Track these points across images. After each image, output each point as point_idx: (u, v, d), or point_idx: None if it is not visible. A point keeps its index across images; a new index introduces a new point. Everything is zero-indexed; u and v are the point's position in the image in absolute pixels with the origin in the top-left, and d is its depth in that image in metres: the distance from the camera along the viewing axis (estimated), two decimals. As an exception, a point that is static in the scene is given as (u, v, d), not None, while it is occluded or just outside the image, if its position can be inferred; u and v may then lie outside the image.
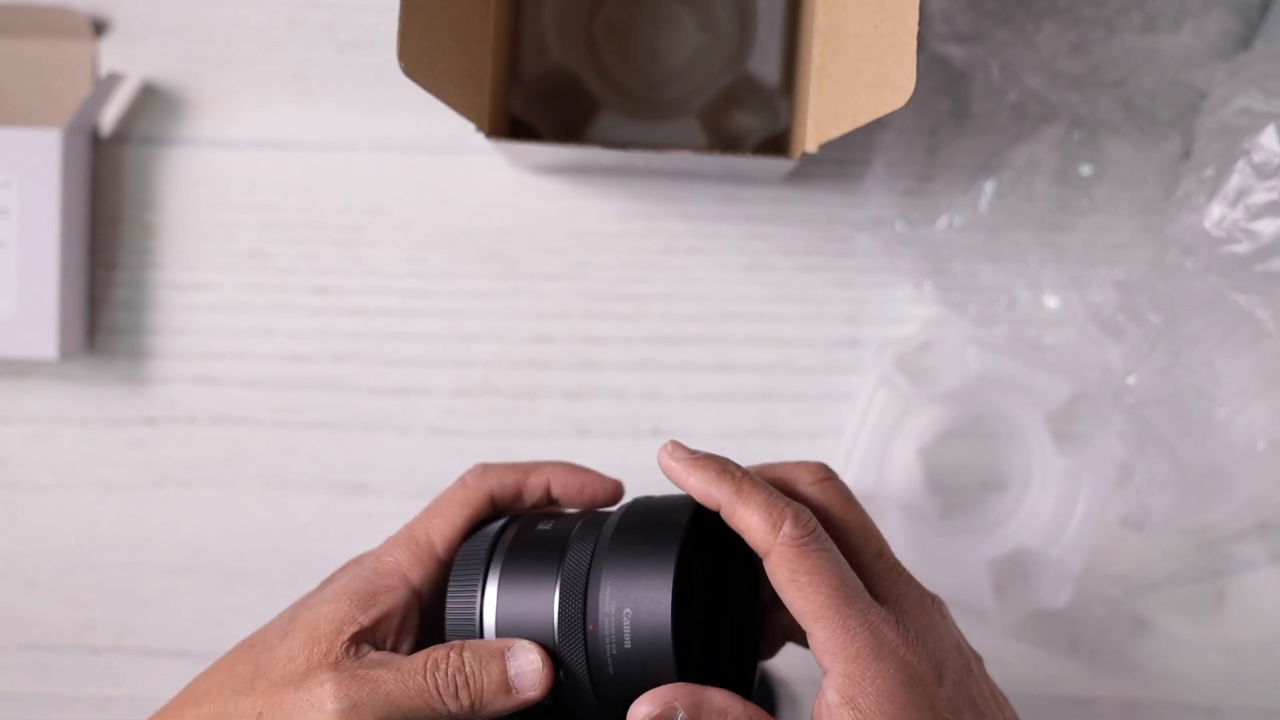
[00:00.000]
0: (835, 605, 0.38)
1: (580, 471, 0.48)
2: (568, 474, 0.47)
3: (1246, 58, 0.57)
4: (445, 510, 0.46)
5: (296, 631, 0.43)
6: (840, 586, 0.38)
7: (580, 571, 0.41)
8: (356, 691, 0.41)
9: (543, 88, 0.63)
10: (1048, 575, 0.63)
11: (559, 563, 0.42)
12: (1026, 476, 0.65)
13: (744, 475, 0.40)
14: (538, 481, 0.47)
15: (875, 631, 0.38)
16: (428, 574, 0.45)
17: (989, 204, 0.63)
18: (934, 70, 0.63)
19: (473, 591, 0.43)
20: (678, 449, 0.41)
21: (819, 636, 0.38)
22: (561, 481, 0.47)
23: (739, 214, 0.65)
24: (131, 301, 0.65)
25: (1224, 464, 0.57)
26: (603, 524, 0.43)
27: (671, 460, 0.41)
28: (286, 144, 0.65)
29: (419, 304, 0.65)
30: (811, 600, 0.38)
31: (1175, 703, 0.65)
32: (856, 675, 0.38)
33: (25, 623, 0.65)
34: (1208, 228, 0.54)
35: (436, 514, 0.46)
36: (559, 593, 0.42)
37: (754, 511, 0.39)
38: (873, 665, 0.38)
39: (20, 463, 0.65)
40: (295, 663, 0.42)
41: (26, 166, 0.61)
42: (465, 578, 0.44)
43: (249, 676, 0.43)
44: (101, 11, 0.64)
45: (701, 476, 0.40)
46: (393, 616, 0.44)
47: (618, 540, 0.41)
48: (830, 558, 0.38)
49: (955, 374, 0.63)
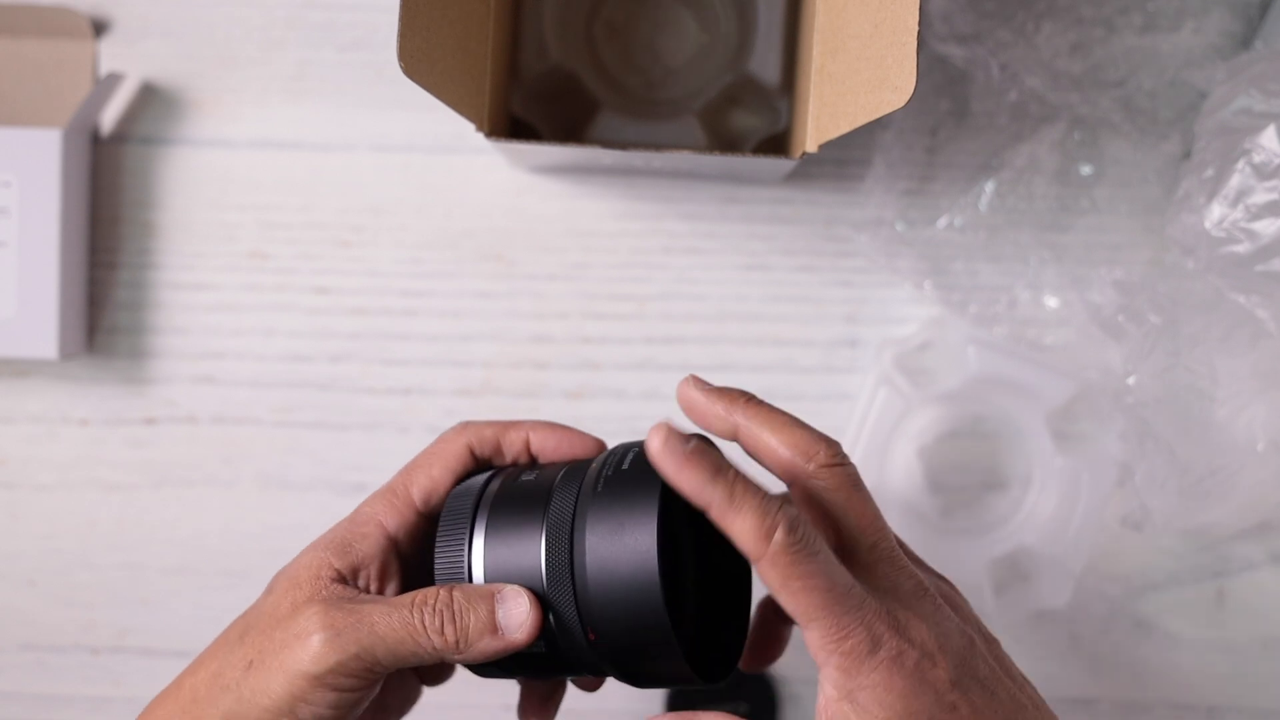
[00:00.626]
0: (828, 606, 0.38)
1: (560, 429, 0.48)
2: (547, 430, 0.48)
3: (1246, 58, 0.57)
4: (423, 463, 0.47)
5: (277, 584, 0.44)
6: (831, 588, 0.38)
7: (565, 518, 0.42)
8: (341, 620, 0.41)
9: (543, 88, 0.63)
10: (1048, 575, 0.63)
11: (544, 511, 0.42)
12: (1026, 476, 0.65)
13: (737, 477, 0.39)
14: (517, 436, 0.47)
15: (869, 626, 0.38)
16: (404, 523, 0.46)
17: (989, 204, 0.63)
18: (934, 70, 0.63)
19: (460, 542, 0.43)
20: (673, 436, 0.39)
21: (813, 637, 0.39)
22: (540, 437, 0.48)
23: (738, 214, 0.65)
24: (131, 301, 0.65)
25: (1224, 464, 0.57)
26: (585, 471, 0.43)
27: (664, 450, 0.39)
28: (286, 144, 0.65)
29: (419, 304, 0.65)
30: (804, 604, 0.38)
31: (1175, 703, 0.65)
32: (852, 670, 0.38)
33: (25, 623, 0.65)
34: (1208, 228, 0.54)
35: (415, 468, 0.47)
36: (545, 540, 0.42)
37: (745, 519, 0.38)
38: (868, 659, 0.38)
39: (20, 463, 0.65)
40: (280, 608, 0.43)
41: (26, 166, 0.61)
42: (452, 529, 0.44)
43: (239, 634, 0.44)
44: (101, 11, 0.64)
45: (694, 476, 0.38)
46: (369, 561, 0.44)
47: (601, 486, 0.42)
48: (820, 561, 0.38)
49: (955, 374, 0.63)
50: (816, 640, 0.38)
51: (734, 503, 0.38)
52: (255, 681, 0.42)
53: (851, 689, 0.38)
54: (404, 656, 0.42)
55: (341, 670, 0.41)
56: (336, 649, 0.41)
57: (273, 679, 0.41)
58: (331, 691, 0.41)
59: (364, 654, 0.41)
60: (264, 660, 0.42)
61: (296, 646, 0.41)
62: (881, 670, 0.38)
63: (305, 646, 0.41)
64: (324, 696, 0.41)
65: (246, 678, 0.42)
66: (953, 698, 0.39)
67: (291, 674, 0.41)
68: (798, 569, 0.38)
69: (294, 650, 0.41)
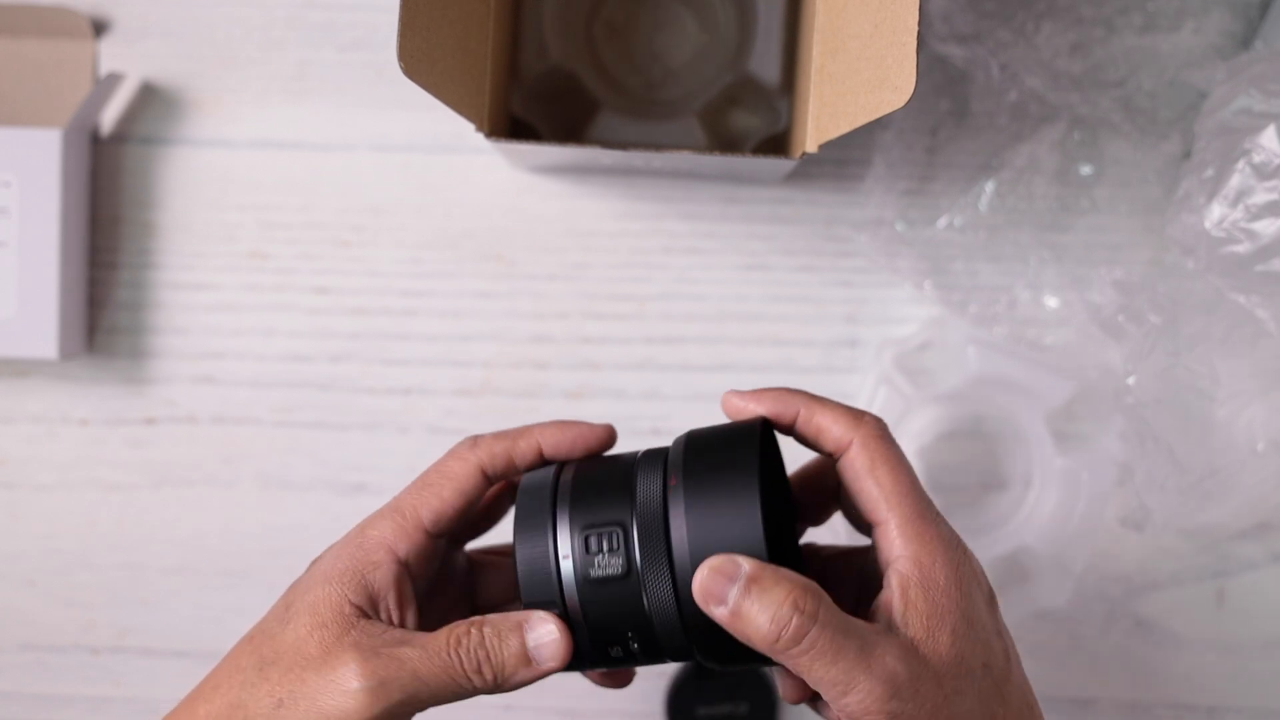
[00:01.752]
0: (913, 498, 0.40)
1: (569, 426, 0.47)
2: (557, 431, 0.47)
3: (1246, 58, 0.57)
4: (434, 483, 0.46)
5: (298, 616, 0.43)
6: (915, 484, 0.41)
7: (656, 506, 0.41)
8: (383, 670, 0.41)
9: (543, 88, 0.63)
10: (1048, 575, 0.63)
11: (631, 500, 0.42)
12: (1026, 476, 0.65)
13: (808, 395, 0.43)
14: (528, 445, 0.47)
15: (944, 530, 0.41)
16: (414, 546, 0.45)
17: (989, 204, 0.63)
18: (934, 70, 0.63)
19: (544, 539, 0.43)
20: (739, 394, 0.44)
21: (894, 522, 0.40)
22: (552, 440, 0.47)
23: (738, 214, 0.65)
24: (131, 301, 0.65)
25: (1224, 464, 0.57)
26: (665, 458, 0.43)
27: (737, 397, 0.44)
28: (286, 144, 0.65)
29: (419, 304, 0.65)
30: (889, 488, 0.40)
31: (1175, 703, 0.65)
32: (927, 562, 0.40)
33: (25, 623, 0.65)
34: (1208, 228, 0.54)
35: (424, 487, 0.46)
36: (637, 529, 0.42)
37: (834, 410, 0.42)
38: (944, 554, 0.40)
39: (20, 463, 0.65)
40: (308, 646, 0.42)
41: (26, 166, 0.61)
42: (532, 526, 0.43)
43: (257, 666, 0.43)
44: (101, 11, 0.64)
45: (772, 396, 0.43)
46: (386, 591, 0.44)
47: (690, 472, 0.42)
48: (905, 457, 0.41)
49: (955, 374, 0.63)
50: (898, 526, 0.41)
51: (819, 403, 0.43)
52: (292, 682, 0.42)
53: (924, 580, 0.40)
54: (445, 698, 0.42)
55: (386, 718, 0.41)
56: (382, 699, 0.41)
57: (311, 695, 0.41)
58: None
59: (409, 700, 0.41)
60: (296, 703, 0.41)
61: (337, 695, 0.41)
62: (951, 572, 0.40)
63: (348, 697, 0.41)
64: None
65: (276, 717, 0.42)
66: (990, 637, 0.41)
67: (329, 694, 0.41)
68: (888, 452, 0.41)
69: (333, 698, 0.41)
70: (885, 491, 0.41)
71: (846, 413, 0.43)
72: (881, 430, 0.42)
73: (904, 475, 0.41)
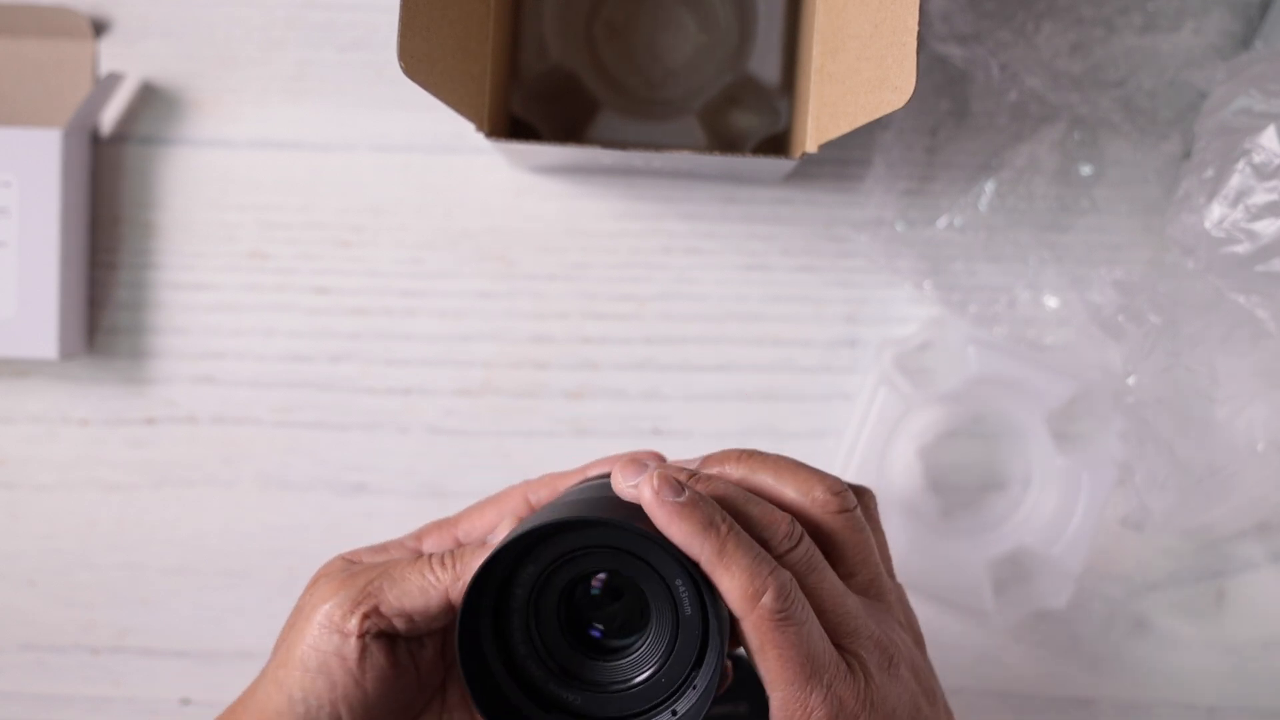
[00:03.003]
0: (799, 681, 0.38)
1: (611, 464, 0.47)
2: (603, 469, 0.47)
3: (1246, 58, 0.57)
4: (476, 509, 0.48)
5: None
6: (806, 663, 0.38)
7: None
8: (348, 567, 0.44)
9: (543, 88, 0.63)
10: (1048, 575, 0.63)
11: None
12: (1026, 476, 0.65)
13: (729, 531, 0.38)
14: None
15: (831, 705, 0.39)
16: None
17: (989, 204, 0.63)
18: (934, 70, 0.63)
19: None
20: (664, 485, 0.39)
21: (777, 706, 0.39)
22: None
23: (738, 214, 0.65)
24: (131, 301, 0.65)
25: (1224, 464, 0.57)
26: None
27: (656, 501, 0.39)
28: (286, 144, 0.65)
29: (419, 304, 0.65)
30: (775, 673, 0.38)
31: (1175, 703, 0.65)
32: None
33: (25, 623, 0.65)
34: (1208, 228, 0.54)
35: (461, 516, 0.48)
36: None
37: (734, 577, 0.38)
38: None
39: (20, 463, 0.65)
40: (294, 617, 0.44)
41: (26, 166, 0.61)
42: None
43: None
44: (101, 11, 0.64)
45: (684, 528, 0.38)
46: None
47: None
48: (803, 633, 0.38)
49: (955, 374, 0.63)
50: (778, 709, 0.39)
51: (724, 559, 0.38)
52: (286, 640, 0.43)
53: None
54: (411, 592, 0.42)
55: (353, 604, 0.42)
56: (346, 585, 0.43)
57: (300, 636, 0.43)
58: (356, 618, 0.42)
59: (373, 590, 0.42)
60: (288, 628, 0.44)
61: (311, 597, 0.43)
62: None
63: (318, 594, 0.43)
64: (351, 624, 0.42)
65: (275, 652, 0.44)
66: None
67: (315, 613, 0.42)
68: (778, 636, 0.38)
69: (310, 600, 0.43)
70: (769, 677, 0.39)
71: (747, 583, 0.38)
72: (776, 612, 0.38)
73: (793, 659, 0.38)
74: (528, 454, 0.65)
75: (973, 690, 0.65)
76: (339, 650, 0.42)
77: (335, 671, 0.42)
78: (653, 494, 0.38)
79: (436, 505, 0.65)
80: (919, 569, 0.62)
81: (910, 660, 0.42)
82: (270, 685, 0.43)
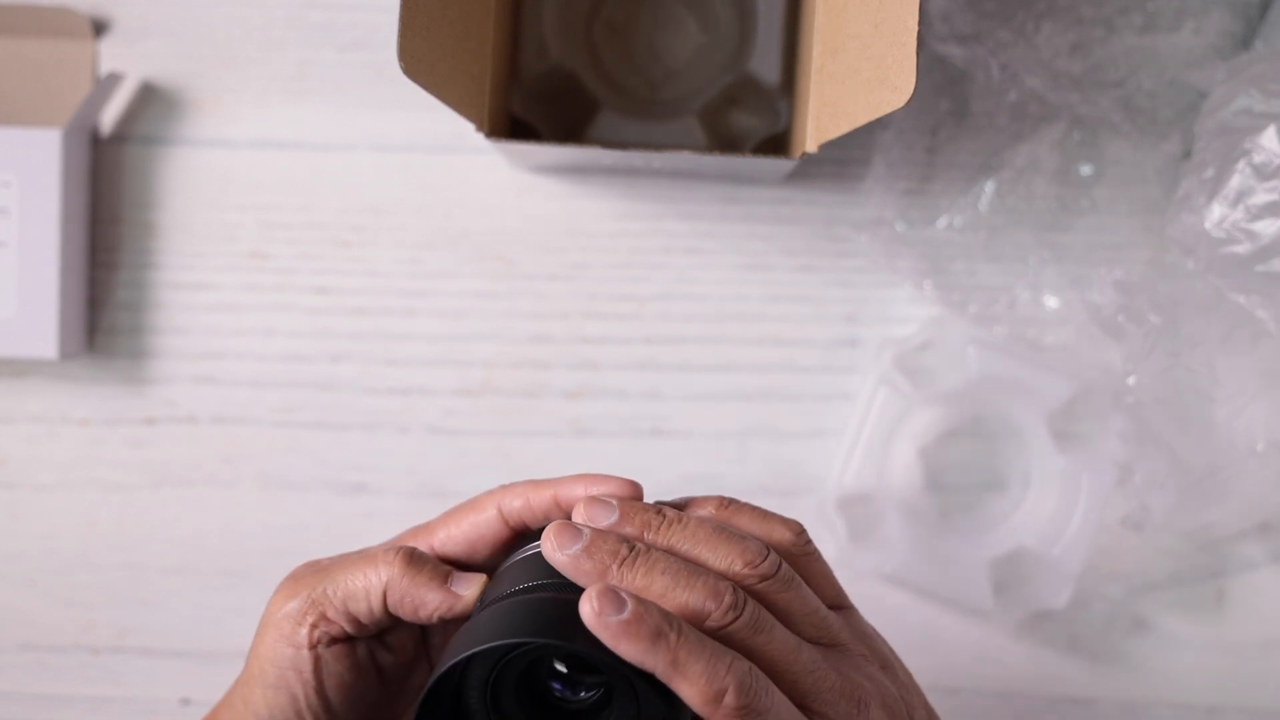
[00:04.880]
0: None
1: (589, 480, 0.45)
2: (573, 485, 0.45)
3: (1246, 58, 0.57)
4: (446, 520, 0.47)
5: None
6: None
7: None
8: (300, 572, 0.44)
9: (543, 88, 0.63)
10: (1048, 575, 0.63)
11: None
12: (1026, 476, 0.65)
13: (680, 638, 0.36)
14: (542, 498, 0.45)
15: None
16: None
17: (989, 204, 0.63)
18: (934, 70, 0.63)
19: None
20: (605, 603, 0.36)
21: None
22: (566, 494, 0.45)
23: (738, 214, 0.65)
24: (131, 301, 0.65)
25: (1224, 464, 0.57)
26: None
27: (599, 622, 0.36)
28: (286, 144, 0.65)
29: (419, 304, 0.65)
30: None
31: (1175, 703, 0.65)
32: None
33: (25, 623, 0.65)
34: (1208, 228, 0.54)
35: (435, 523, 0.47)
36: None
37: (692, 684, 0.36)
38: None
39: (20, 463, 0.65)
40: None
41: (26, 166, 0.61)
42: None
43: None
44: (101, 11, 0.64)
45: (633, 647, 0.36)
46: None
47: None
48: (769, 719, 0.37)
49: (955, 374, 0.63)
50: None
51: (679, 669, 0.36)
52: (250, 652, 0.43)
53: None
54: (355, 593, 0.42)
55: (301, 614, 0.42)
56: (295, 594, 0.43)
57: (260, 641, 0.43)
58: (305, 628, 0.42)
59: (318, 597, 0.43)
60: (252, 647, 0.44)
61: (268, 608, 0.44)
62: None
63: (272, 604, 0.43)
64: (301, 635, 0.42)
65: (245, 666, 0.44)
66: None
67: (269, 626, 0.43)
68: None
69: (267, 611, 0.44)
70: None
71: (706, 686, 0.36)
72: (739, 709, 0.36)
73: None
74: (528, 454, 0.65)
75: (973, 690, 0.65)
76: (294, 663, 0.42)
77: (294, 685, 0.42)
78: (594, 615, 0.36)
79: (436, 505, 0.64)
80: (919, 569, 0.62)
81: (880, 695, 0.41)
82: (238, 702, 0.43)
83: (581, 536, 0.39)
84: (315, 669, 0.42)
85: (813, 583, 0.42)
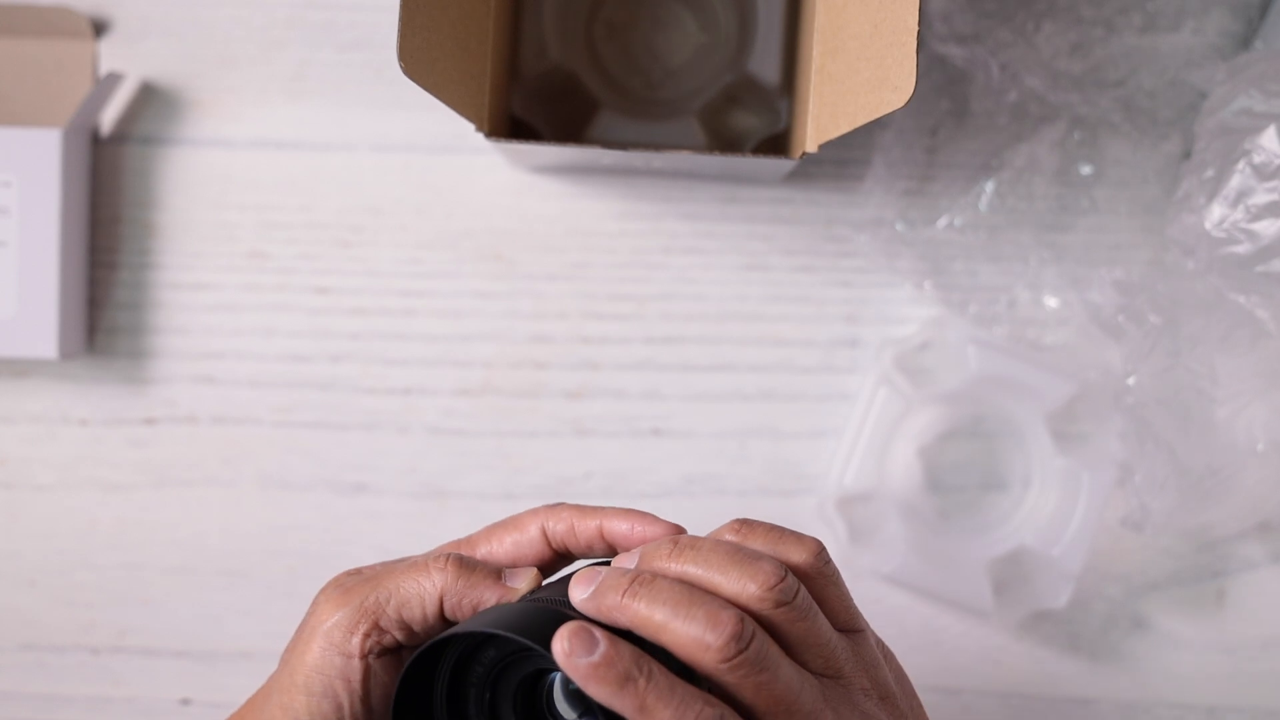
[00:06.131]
0: None
1: (633, 516, 0.44)
2: (620, 518, 0.44)
3: (1246, 58, 0.57)
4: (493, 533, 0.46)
5: None
6: None
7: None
8: (348, 581, 0.43)
9: (543, 88, 0.63)
10: (1048, 575, 0.63)
11: None
12: (1026, 476, 0.65)
13: (648, 684, 0.36)
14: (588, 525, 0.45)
15: None
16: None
17: (989, 204, 0.63)
18: (934, 70, 0.63)
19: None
20: (576, 644, 0.36)
21: None
22: (612, 526, 0.44)
23: (738, 214, 0.65)
24: (131, 301, 0.65)
25: (1224, 464, 0.57)
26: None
27: (569, 662, 0.36)
28: (286, 144, 0.65)
29: (419, 304, 0.65)
30: None
31: (1175, 703, 0.65)
32: None
33: (25, 623, 0.65)
34: (1208, 228, 0.54)
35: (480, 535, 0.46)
36: None
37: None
38: None
39: (20, 463, 0.65)
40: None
41: (26, 166, 0.61)
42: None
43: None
44: (101, 11, 0.64)
45: (601, 690, 0.36)
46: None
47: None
48: None
49: (955, 374, 0.63)
50: None
51: (646, 714, 0.36)
52: (290, 660, 0.43)
53: None
54: (408, 600, 0.42)
55: (353, 623, 0.42)
56: (345, 603, 0.42)
57: (305, 649, 0.42)
58: (358, 637, 0.42)
59: (370, 606, 0.42)
60: (293, 646, 0.43)
61: (313, 616, 0.43)
62: None
63: (319, 613, 0.42)
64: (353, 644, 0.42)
65: (281, 668, 0.43)
66: None
67: (316, 635, 0.42)
68: None
69: (313, 619, 0.42)
70: None
71: None
72: None
73: None
74: (528, 454, 0.65)
75: (973, 690, 0.65)
76: (343, 673, 0.42)
77: (340, 694, 0.42)
78: (565, 655, 0.36)
79: (436, 505, 0.65)
80: (919, 569, 0.62)
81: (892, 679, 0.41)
82: (276, 710, 0.42)
83: (596, 578, 0.39)
84: (364, 679, 0.42)
85: (828, 605, 0.41)
